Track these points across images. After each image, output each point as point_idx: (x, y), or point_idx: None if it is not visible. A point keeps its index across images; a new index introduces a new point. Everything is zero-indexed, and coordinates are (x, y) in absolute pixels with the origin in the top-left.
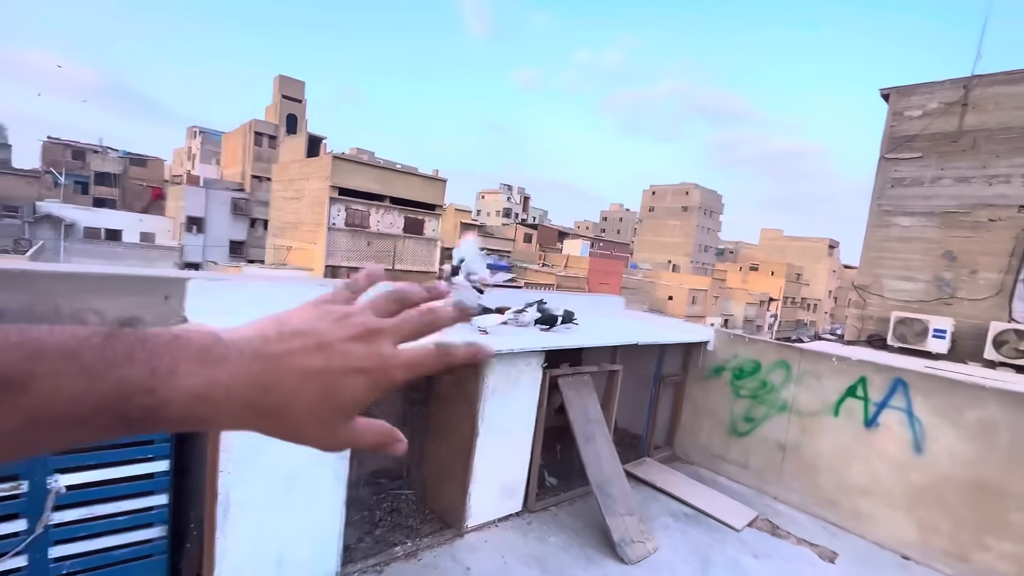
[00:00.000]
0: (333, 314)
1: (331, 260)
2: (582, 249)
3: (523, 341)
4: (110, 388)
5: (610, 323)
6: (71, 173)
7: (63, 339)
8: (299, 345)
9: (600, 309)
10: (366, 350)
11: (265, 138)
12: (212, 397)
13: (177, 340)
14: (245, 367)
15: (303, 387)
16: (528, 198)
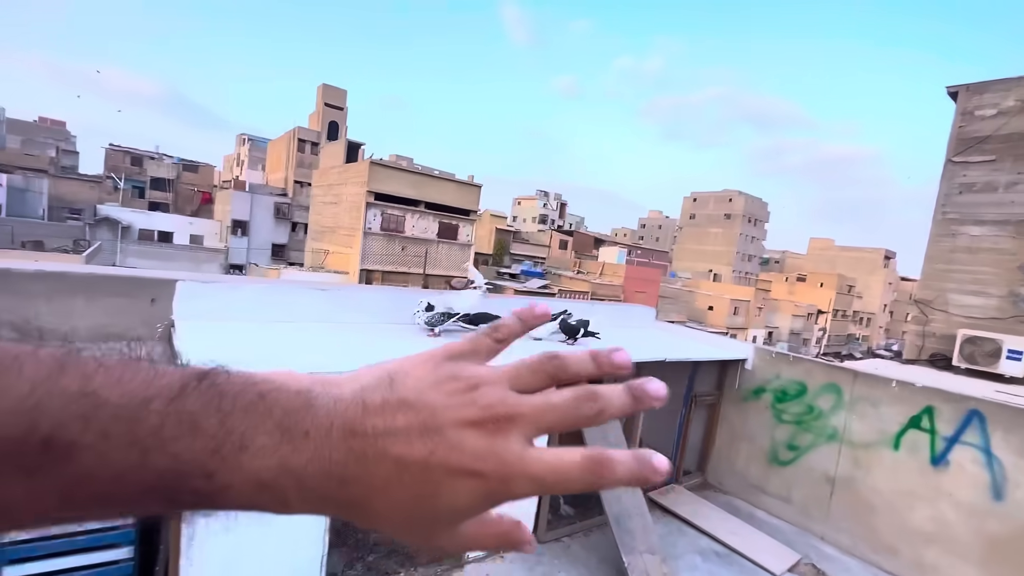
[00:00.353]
0: (458, 381)
1: (366, 264)
2: (619, 256)
3: None
4: (163, 466)
5: (638, 336)
6: (129, 178)
7: (126, 395)
8: (403, 424)
9: (628, 320)
10: (485, 444)
11: (308, 145)
12: (279, 485)
13: (261, 402)
14: (329, 448)
15: (394, 483)
16: (565, 204)
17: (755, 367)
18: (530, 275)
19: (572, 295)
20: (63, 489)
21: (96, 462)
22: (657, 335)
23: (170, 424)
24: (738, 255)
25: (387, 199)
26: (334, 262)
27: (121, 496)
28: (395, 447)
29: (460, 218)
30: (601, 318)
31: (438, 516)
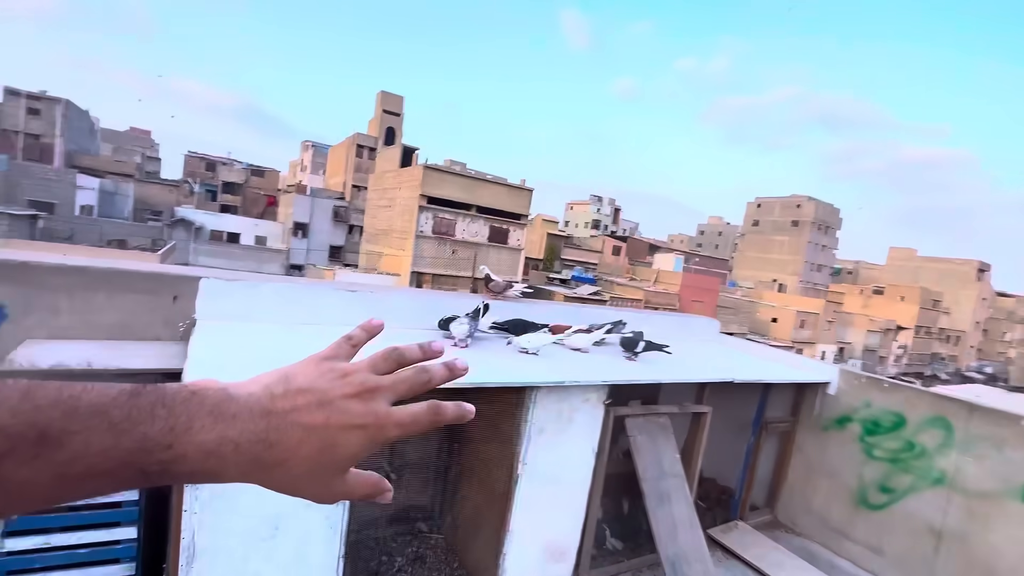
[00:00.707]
0: (334, 372)
1: (417, 267)
2: (675, 264)
3: (579, 371)
4: (134, 444)
5: (701, 351)
6: (204, 183)
7: (95, 397)
8: (303, 402)
9: (689, 332)
10: (364, 408)
11: (365, 150)
12: (222, 452)
13: (194, 397)
14: (253, 424)
15: (304, 442)
16: (619, 210)
17: (840, 392)
18: (581, 281)
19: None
20: (58, 471)
21: (82, 446)
22: (723, 351)
23: (133, 414)
24: (806, 264)
25: (439, 203)
26: (387, 264)
27: (104, 469)
28: (302, 418)
29: (511, 222)
30: (658, 329)
31: (337, 462)
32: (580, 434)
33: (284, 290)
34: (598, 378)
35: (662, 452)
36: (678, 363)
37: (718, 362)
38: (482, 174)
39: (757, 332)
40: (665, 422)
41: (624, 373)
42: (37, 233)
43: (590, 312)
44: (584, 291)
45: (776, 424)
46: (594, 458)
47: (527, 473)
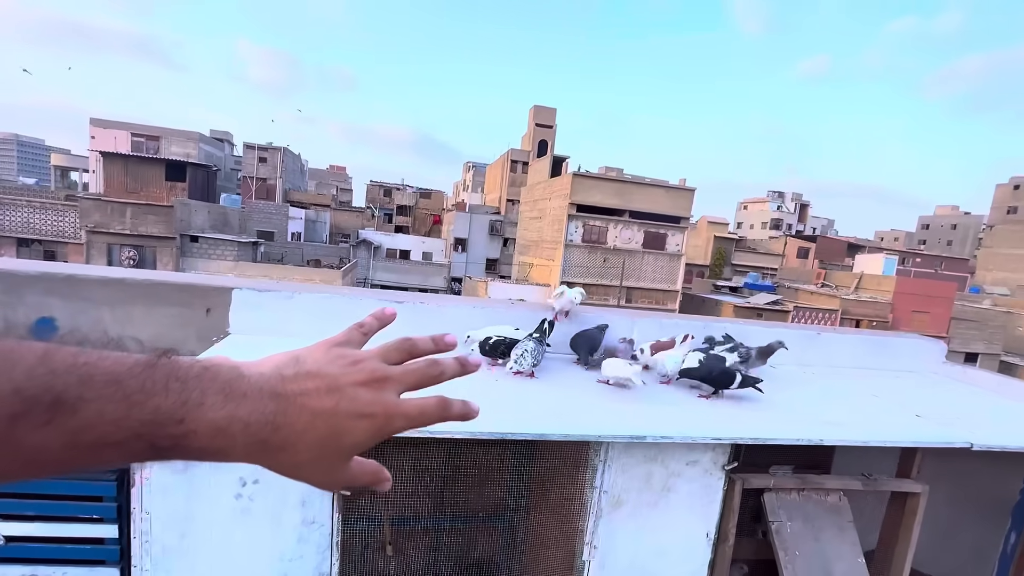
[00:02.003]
0: (345, 358)
1: (566, 276)
2: (885, 266)
3: (681, 418)
4: (147, 416)
5: (906, 390)
6: (382, 207)
7: (111, 366)
8: (312, 387)
9: (888, 358)
10: (372, 396)
11: (519, 165)
12: (231, 431)
13: (206, 372)
14: (262, 404)
15: (312, 427)
16: (806, 206)
17: None
18: (756, 288)
19: (813, 314)
20: (70, 438)
21: (95, 414)
22: (952, 390)
23: (148, 385)
24: None
25: (591, 211)
26: (537, 274)
27: (116, 439)
28: (311, 402)
29: (669, 226)
30: (832, 351)
31: (342, 449)
32: (686, 512)
33: (321, 301)
34: (709, 431)
35: (832, 552)
36: (863, 412)
37: (942, 410)
38: (639, 178)
39: (1015, 351)
40: (839, 503)
41: (757, 426)
42: (259, 256)
43: (688, 325)
44: (760, 300)
45: None
46: (711, 550)
47: (599, 560)
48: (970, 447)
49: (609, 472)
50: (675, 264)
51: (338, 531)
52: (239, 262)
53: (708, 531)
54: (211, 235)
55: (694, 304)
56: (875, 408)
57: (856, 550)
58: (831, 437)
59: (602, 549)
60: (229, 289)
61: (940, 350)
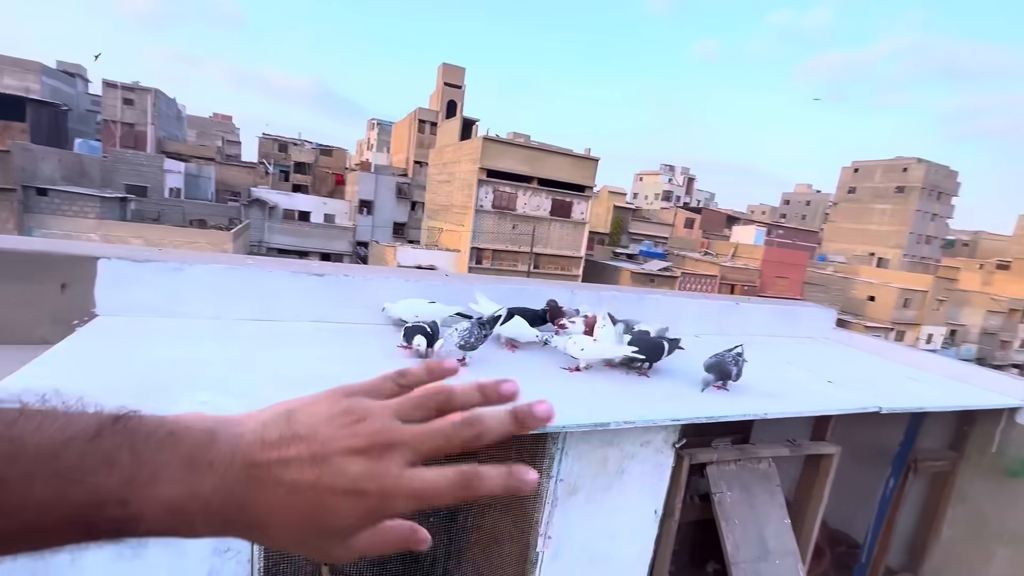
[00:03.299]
0: (349, 415)
1: (477, 242)
2: (755, 236)
3: (631, 400)
4: (82, 498)
5: (814, 358)
6: (277, 163)
7: (47, 437)
8: (294, 454)
9: (790, 325)
10: (365, 468)
11: (427, 125)
12: (187, 510)
13: (169, 439)
14: (231, 477)
15: (287, 506)
16: (693, 180)
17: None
18: (649, 255)
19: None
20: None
21: (20, 497)
22: (847, 356)
23: (88, 461)
24: (912, 236)
25: (500, 176)
26: (447, 240)
27: (44, 527)
28: (288, 474)
29: (575, 195)
30: (748, 320)
31: (329, 530)
32: (636, 492)
33: (221, 274)
34: (665, 412)
35: (764, 516)
36: (787, 382)
37: (846, 375)
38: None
39: (851, 312)
40: (768, 469)
41: (706, 405)
42: (129, 214)
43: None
44: (653, 267)
45: (929, 463)
46: (657, 525)
47: (553, 550)
48: (879, 410)
49: (566, 460)
50: (580, 232)
51: (260, 557)
52: (103, 220)
53: (656, 508)
54: (64, 188)
55: (596, 270)
56: (794, 376)
57: (783, 512)
58: (774, 410)
59: (556, 538)
60: (93, 259)
61: (831, 317)
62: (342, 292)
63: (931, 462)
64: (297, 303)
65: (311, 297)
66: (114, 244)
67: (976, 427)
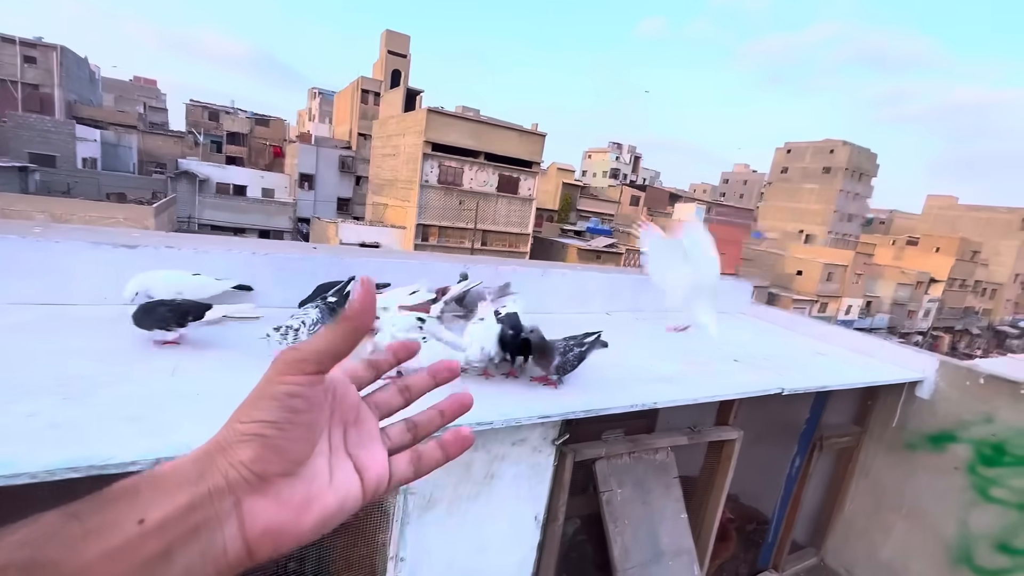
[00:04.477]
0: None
1: (422, 219)
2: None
3: (498, 402)
4: None
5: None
6: (208, 133)
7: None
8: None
9: None
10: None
11: (371, 95)
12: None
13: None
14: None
15: None
16: (639, 158)
17: (939, 397)
18: (596, 232)
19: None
20: None
21: None
22: (758, 330)
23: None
24: (836, 214)
25: (446, 150)
26: (392, 216)
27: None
28: None
29: (522, 171)
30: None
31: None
32: (511, 497)
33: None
34: (536, 407)
35: (659, 512)
36: (691, 363)
37: (753, 351)
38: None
39: (781, 285)
40: (666, 460)
41: (589, 392)
42: (32, 186)
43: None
44: (599, 243)
45: (834, 439)
46: (540, 531)
47: (409, 572)
48: (781, 392)
49: None
50: (527, 208)
51: None
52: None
53: (536, 513)
54: None
55: (543, 247)
56: (699, 356)
57: (679, 506)
58: (664, 398)
59: (412, 560)
60: None
61: (747, 290)
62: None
63: (836, 439)
64: (100, 283)
65: (120, 275)
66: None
67: (879, 401)
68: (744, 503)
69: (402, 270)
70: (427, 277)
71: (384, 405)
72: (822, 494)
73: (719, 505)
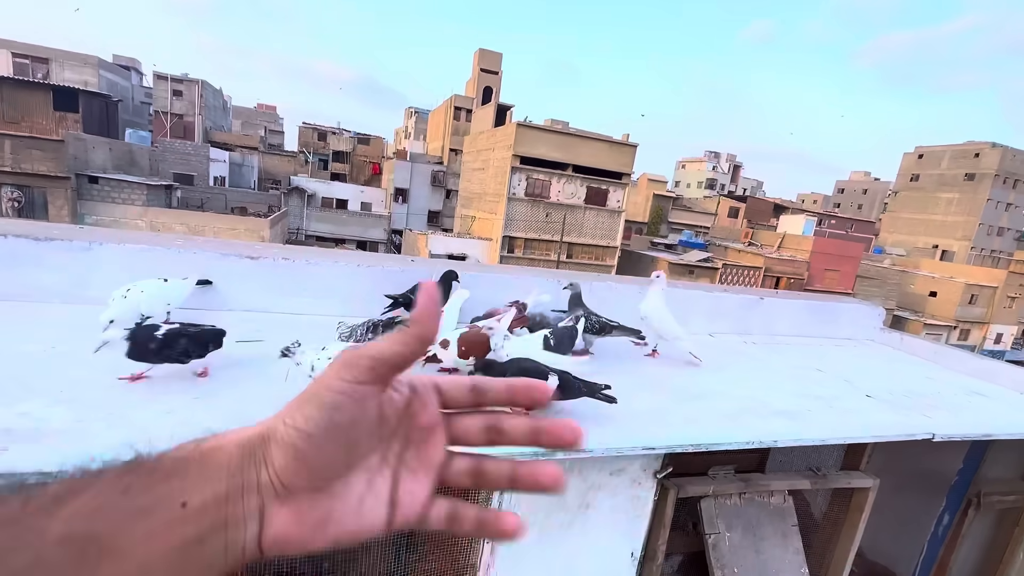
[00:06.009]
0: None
1: (509, 231)
2: (805, 226)
3: (595, 428)
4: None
5: (851, 363)
6: (316, 152)
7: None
8: None
9: (827, 324)
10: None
11: (463, 112)
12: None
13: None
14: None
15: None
16: (739, 167)
17: None
18: (689, 246)
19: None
20: None
21: None
22: (894, 361)
23: None
24: (982, 227)
25: (536, 163)
26: (480, 228)
27: None
28: None
29: (611, 182)
30: (774, 318)
31: None
32: (607, 530)
33: (138, 255)
34: (639, 436)
35: (774, 564)
36: (813, 396)
37: (890, 386)
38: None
39: (908, 308)
40: (783, 505)
41: (695, 423)
42: (174, 202)
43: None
44: (692, 257)
45: (996, 497)
46: (636, 570)
47: None
48: (932, 437)
49: (509, 492)
50: (615, 220)
51: None
52: (149, 207)
53: (633, 549)
54: (114, 176)
55: (632, 260)
56: (822, 389)
57: (799, 559)
58: (783, 437)
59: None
60: None
61: (878, 315)
62: (280, 279)
63: (999, 496)
64: (226, 290)
65: (244, 283)
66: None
67: None
68: (870, 558)
69: (496, 284)
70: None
71: (462, 436)
72: (977, 561)
73: (846, 563)
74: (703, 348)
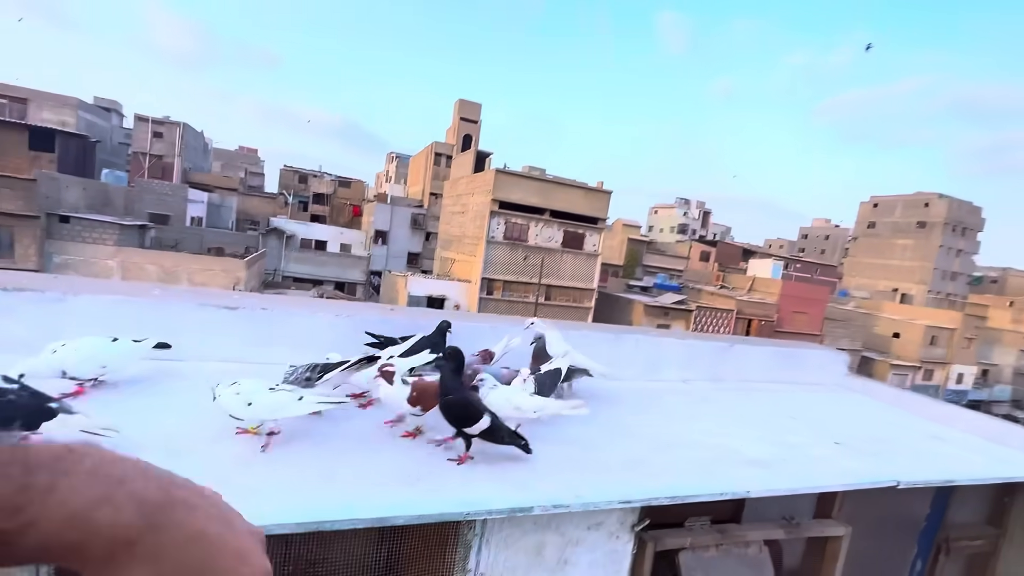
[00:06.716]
0: None
1: (488, 272)
2: (773, 270)
3: (573, 480)
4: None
5: (819, 413)
6: (297, 194)
7: None
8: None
9: (794, 371)
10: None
11: (443, 158)
12: (92, 518)
13: (70, 454)
14: (146, 489)
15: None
16: (708, 213)
17: None
18: (664, 289)
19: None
20: None
21: None
22: (860, 406)
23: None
24: (937, 272)
25: (514, 208)
26: (459, 270)
27: None
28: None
29: (587, 227)
30: (744, 365)
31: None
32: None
33: (112, 306)
34: (615, 491)
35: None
36: (786, 444)
37: (857, 433)
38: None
39: (874, 349)
40: (759, 556)
41: (670, 475)
42: (148, 242)
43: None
44: (667, 299)
45: (964, 542)
46: None
47: None
48: (896, 486)
49: (487, 549)
50: (592, 263)
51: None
52: (122, 248)
53: None
54: (86, 215)
55: (608, 302)
56: (794, 436)
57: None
58: (758, 487)
59: None
60: None
61: (843, 361)
62: (258, 328)
63: (966, 541)
64: (204, 340)
65: (221, 334)
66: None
67: (1019, 498)
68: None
69: (474, 332)
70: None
71: None
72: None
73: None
74: (677, 396)
